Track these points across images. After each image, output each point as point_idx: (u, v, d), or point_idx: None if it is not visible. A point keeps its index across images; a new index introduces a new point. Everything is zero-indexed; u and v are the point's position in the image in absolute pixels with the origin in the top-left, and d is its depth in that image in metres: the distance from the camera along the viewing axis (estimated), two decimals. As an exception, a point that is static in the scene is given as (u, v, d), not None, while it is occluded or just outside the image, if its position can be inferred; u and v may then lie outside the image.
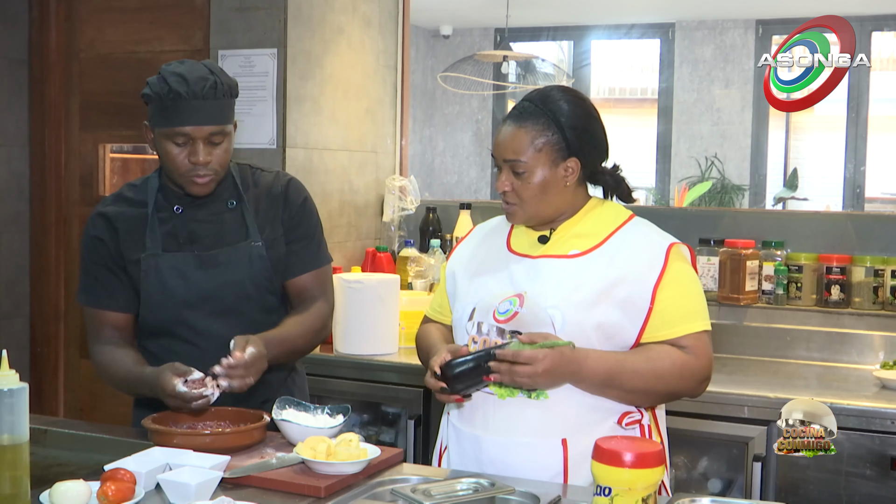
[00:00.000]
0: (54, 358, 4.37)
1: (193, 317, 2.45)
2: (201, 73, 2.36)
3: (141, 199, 2.49)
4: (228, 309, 2.46)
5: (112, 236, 2.47)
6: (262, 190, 2.55)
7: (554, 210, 2.22)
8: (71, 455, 2.26)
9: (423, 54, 9.02)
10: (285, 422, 2.23)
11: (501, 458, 2.14)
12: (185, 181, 2.41)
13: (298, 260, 2.55)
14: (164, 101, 2.34)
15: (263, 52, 3.74)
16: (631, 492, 1.67)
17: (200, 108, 2.34)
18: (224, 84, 2.38)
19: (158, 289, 2.43)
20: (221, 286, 2.44)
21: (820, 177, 8.39)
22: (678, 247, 2.19)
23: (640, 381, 2.10)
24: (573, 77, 8.32)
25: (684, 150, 8.62)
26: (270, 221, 2.52)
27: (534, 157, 2.16)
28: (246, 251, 2.47)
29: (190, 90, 2.32)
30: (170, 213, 2.48)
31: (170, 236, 2.46)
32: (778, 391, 3.01)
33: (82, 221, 4.28)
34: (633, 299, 2.12)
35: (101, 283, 2.49)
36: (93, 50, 4.23)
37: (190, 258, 2.44)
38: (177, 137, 2.36)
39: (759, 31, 8.40)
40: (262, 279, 2.48)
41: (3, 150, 4.24)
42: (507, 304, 2.15)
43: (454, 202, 4.24)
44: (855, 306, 3.60)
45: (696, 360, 2.12)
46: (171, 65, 2.40)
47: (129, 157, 4.38)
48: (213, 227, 2.48)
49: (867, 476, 2.85)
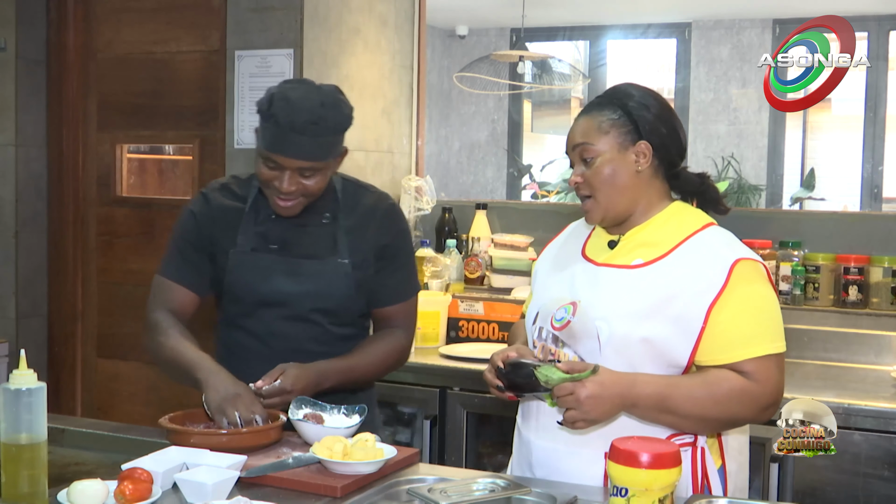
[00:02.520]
0: (72, 357, 4.39)
1: (269, 317, 2.46)
2: (310, 105, 2.28)
3: (243, 195, 2.51)
4: (303, 317, 2.46)
5: (207, 220, 2.49)
6: (362, 210, 2.51)
7: (629, 201, 2.11)
8: (88, 454, 2.27)
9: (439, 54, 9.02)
10: (302, 422, 2.23)
11: (547, 462, 2.13)
12: (270, 198, 2.41)
13: (389, 290, 2.53)
14: (266, 121, 2.31)
15: (280, 52, 3.75)
16: (647, 492, 1.67)
17: (297, 141, 2.28)
18: (331, 121, 2.31)
19: (241, 284, 2.46)
20: (301, 294, 2.45)
21: (837, 177, 8.34)
22: (746, 263, 2.04)
23: (694, 406, 1.99)
24: (589, 77, 8.30)
25: (701, 150, 8.58)
26: (364, 242, 2.49)
27: (602, 140, 2.09)
28: (332, 267, 2.46)
29: (290, 121, 2.26)
30: (266, 216, 2.48)
31: (261, 238, 2.47)
32: (795, 392, 3.00)
33: (100, 221, 4.31)
34: (687, 317, 2.00)
35: (184, 259, 2.51)
36: (110, 50, 4.25)
37: (277, 262, 2.45)
38: (268, 161, 2.33)
39: (777, 31, 8.35)
40: (343, 297, 2.47)
41: (21, 151, 4.26)
42: (563, 312, 2.09)
43: (470, 202, 4.24)
44: (873, 307, 3.58)
45: (757, 386, 2.00)
46: (291, 83, 2.36)
47: (146, 158, 4.40)
48: (304, 237, 2.47)
49: (884, 477, 2.84)
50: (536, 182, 8.60)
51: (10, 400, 1.80)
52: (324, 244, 2.47)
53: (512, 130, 9.15)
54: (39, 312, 4.37)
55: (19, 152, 4.25)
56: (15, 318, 4.26)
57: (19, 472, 1.80)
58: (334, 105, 2.33)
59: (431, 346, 3.66)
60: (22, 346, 1.95)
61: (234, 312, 2.50)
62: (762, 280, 2.06)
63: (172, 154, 4.33)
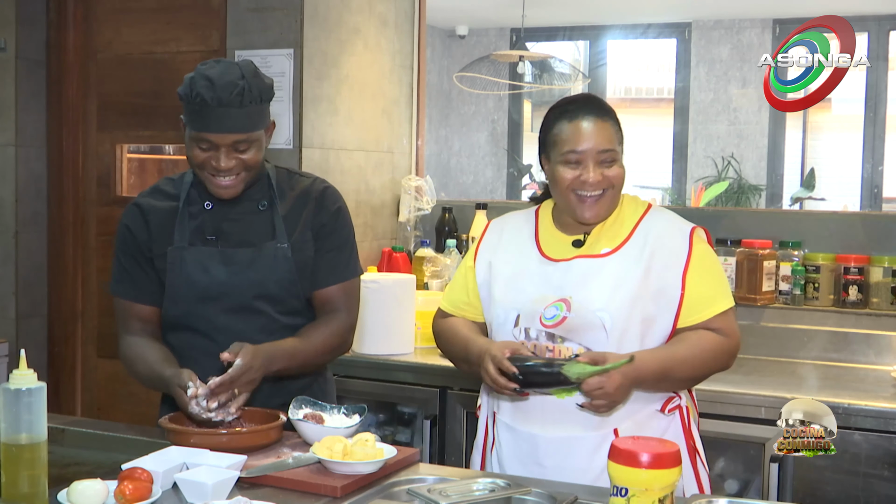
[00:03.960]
0: (72, 357, 4.39)
1: (212, 311, 2.44)
2: (231, 79, 2.30)
3: (175, 193, 2.50)
4: (247, 307, 2.44)
5: (143, 228, 2.48)
6: (296, 193, 2.52)
7: None
8: (88, 454, 2.27)
9: (438, 54, 9.01)
10: (302, 422, 2.24)
11: (559, 452, 2.21)
12: (209, 183, 2.41)
13: (326, 271, 2.51)
14: (191, 105, 2.32)
15: (280, 52, 3.75)
16: (648, 492, 1.67)
17: (225, 115, 2.30)
18: (254, 90, 2.33)
19: (181, 281, 2.43)
20: (242, 283, 2.43)
21: (837, 177, 8.33)
22: (699, 230, 2.30)
23: (689, 370, 2.20)
24: (589, 77, 8.30)
25: (701, 150, 8.58)
26: (300, 225, 2.49)
27: (619, 148, 2.26)
28: (271, 252, 2.44)
29: (215, 97, 2.29)
30: (200, 209, 2.48)
31: (197, 231, 2.46)
32: (795, 392, 3.00)
33: (100, 222, 4.30)
34: (665, 288, 2.21)
35: (129, 275, 2.50)
36: (110, 51, 4.24)
37: (214, 252, 2.43)
38: (201, 142, 2.35)
39: (777, 31, 8.35)
40: (285, 281, 2.46)
41: (21, 151, 4.26)
42: (554, 310, 2.20)
43: (470, 202, 4.24)
44: (872, 307, 3.58)
45: (727, 339, 2.23)
46: (207, 64, 2.36)
47: (146, 158, 4.40)
48: (241, 226, 2.47)
49: (885, 477, 2.84)
50: (536, 182, 8.59)
51: (10, 400, 1.81)
52: (261, 231, 2.47)
53: (512, 130, 9.15)
54: (39, 312, 4.37)
55: (19, 152, 4.25)
56: (15, 318, 4.26)
57: (19, 472, 1.81)
58: (255, 75, 2.36)
59: (431, 346, 3.65)
60: (22, 346, 1.95)
61: (176, 313, 2.47)
62: (708, 243, 2.32)
63: (172, 154, 4.33)
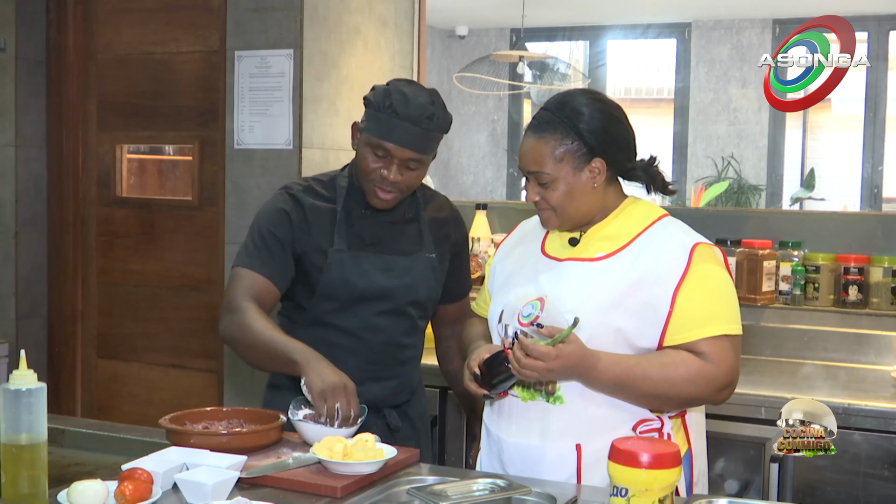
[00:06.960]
0: (72, 358, 4.39)
1: (365, 311, 2.54)
2: (423, 101, 2.44)
3: (330, 196, 2.58)
4: (400, 311, 2.58)
5: (302, 220, 2.54)
6: (435, 210, 2.68)
7: (586, 212, 2.18)
8: (88, 454, 2.27)
9: (438, 55, 9.02)
10: (302, 422, 2.23)
11: (520, 459, 2.16)
12: (369, 190, 2.50)
13: (459, 286, 2.74)
14: (380, 112, 2.44)
15: (280, 52, 3.75)
16: (648, 493, 1.67)
17: (410, 132, 2.42)
18: (440, 118, 2.46)
19: (340, 281, 2.51)
20: (398, 288, 2.55)
21: (837, 177, 8.34)
22: (704, 247, 2.12)
23: (651, 387, 2.05)
24: (589, 77, 8.31)
25: (701, 150, 8.59)
26: (443, 239, 2.66)
27: (556, 168, 2.13)
28: (421, 261, 2.59)
29: (407, 112, 2.41)
30: (357, 214, 2.57)
31: (355, 236, 2.55)
32: (795, 392, 3.00)
33: (100, 222, 4.30)
34: (653, 303, 2.07)
35: (271, 254, 2.52)
36: (110, 51, 4.25)
37: (374, 258, 2.54)
38: (378, 149, 2.44)
39: (776, 31, 8.35)
40: (431, 290, 2.62)
41: (21, 151, 4.26)
42: (530, 308, 2.14)
43: (470, 202, 4.23)
44: (873, 307, 3.58)
45: (713, 367, 2.05)
46: (401, 82, 2.51)
47: (146, 158, 4.39)
48: (393, 234, 2.59)
49: (885, 477, 2.84)
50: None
51: (10, 400, 1.81)
52: (411, 240, 2.61)
53: (512, 130, 9.16)
54: (39, 313, 4.37)
55: (19, 152, 4.25)
56: (15, 319, 4.26)
57: (19, 472, 1.80)
58: (442, 106, 2.50)
59: (431, 346, 3.65)
60: (22, 347, 1.95)
61: (325, 310, 2.55)
62: (719, 263, 2.14)
63: (172, 154, 4.33)
